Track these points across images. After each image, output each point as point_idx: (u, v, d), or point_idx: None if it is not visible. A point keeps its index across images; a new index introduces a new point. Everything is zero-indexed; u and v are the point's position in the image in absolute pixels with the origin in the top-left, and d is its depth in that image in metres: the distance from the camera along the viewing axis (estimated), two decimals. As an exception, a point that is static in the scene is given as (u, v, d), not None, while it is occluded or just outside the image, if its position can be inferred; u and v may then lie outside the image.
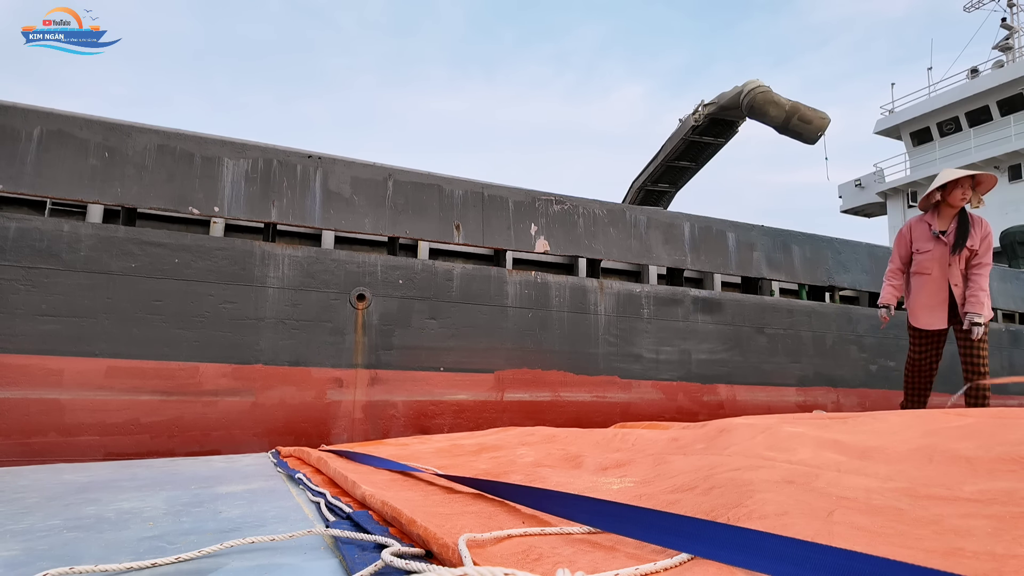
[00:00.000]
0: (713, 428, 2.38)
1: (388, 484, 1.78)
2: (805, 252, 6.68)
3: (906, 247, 4.31)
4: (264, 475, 2.52)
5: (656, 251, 5.88)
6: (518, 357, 5.10)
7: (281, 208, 4.58)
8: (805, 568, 0.75)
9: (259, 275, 4.40)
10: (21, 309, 3.82)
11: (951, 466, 1.49)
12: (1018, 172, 12.88)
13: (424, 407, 4.75)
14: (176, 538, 1.33)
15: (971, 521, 0.99)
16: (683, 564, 0.87)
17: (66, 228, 3.98)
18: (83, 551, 1.23)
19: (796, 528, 0.97)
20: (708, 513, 1.13)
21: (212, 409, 4.16)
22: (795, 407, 6.16)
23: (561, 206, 5.55)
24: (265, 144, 4.67)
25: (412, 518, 1.18)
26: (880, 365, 6.77)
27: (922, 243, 4.16)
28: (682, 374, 5.73)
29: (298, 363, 4.43)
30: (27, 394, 3.77)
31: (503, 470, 2.06)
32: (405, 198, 4.97)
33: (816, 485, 1.29)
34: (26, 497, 1.96)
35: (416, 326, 4.80)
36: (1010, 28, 15.00)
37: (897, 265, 4.40)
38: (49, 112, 4.12)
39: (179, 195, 4.30)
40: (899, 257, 4.37)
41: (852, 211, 16.95)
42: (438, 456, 2.64)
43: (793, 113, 7.86)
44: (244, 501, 1.84)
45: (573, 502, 1.24)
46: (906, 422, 2.23)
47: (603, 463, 2.02)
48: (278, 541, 1.23)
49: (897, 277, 4.42)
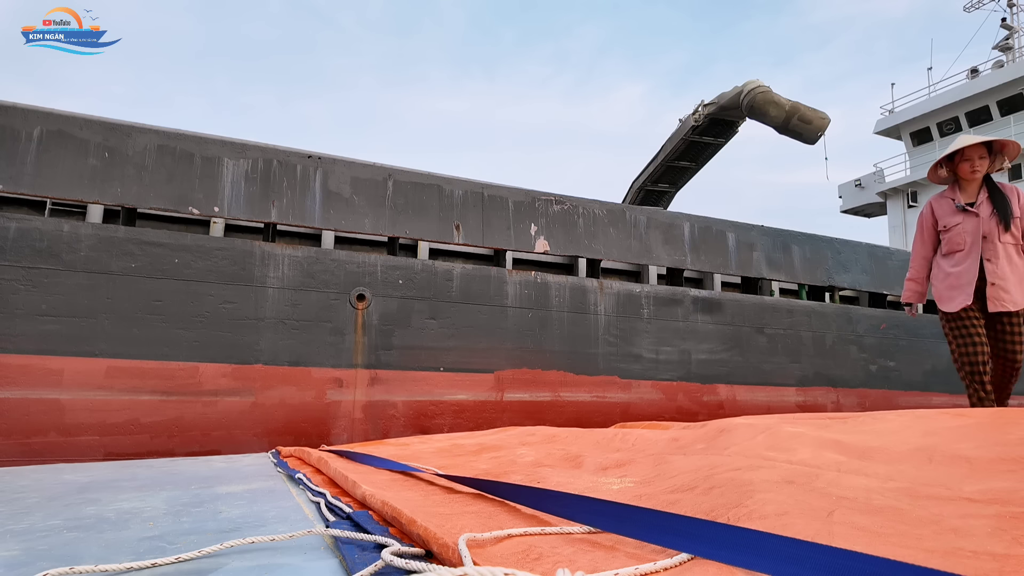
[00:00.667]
0: (713, 428, 2.38)
1: (388, 484, 1.78)
2: (805, 252, 6.68)
3: (931, 228, 3.73)
4: (264, 475, 2.52)
5: (656, 251, 5.88)
6: (518, 357, 5.10)
7: (281, 208, 4.58)
8: (805, 568, 0.75)
9: (259, 275, 4.40)
10: (21, 309, 3.82)
11: (951, 466, 1.49)
12: (1018, 172, 12.88)
13: (424, 407, 4.74)
14: (176, 538, 1.33)
15: (971, 521, 0.99)
16: (683, 564, 0.87)
17: (66, 228, 3.98)
18: (83, 551, 1.23)
19: (796, 528, 0.97)
20: (708, 513, 1.13)
21: (212, 409, 4.16)
22: (795, 407, 6.16)
23: (561, 206, 5.55)
24: (265, 144, 4.68)
25: (412, 518, 1.18)
26: (880, 365, 6.77)
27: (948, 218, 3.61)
28: (682, 374, 5.73)
29: (298, 363, 4.42)
30: (27, 394, 3.77)
31: (503, 470, 2.06)
32: (405, 198, 4.97)
33: (816, 485, 1.29)
34: (26, 497, 1.96)
35: (416, 326, 4.80)
36: (1010, 28, 15.00)
37: (922, 253, 3.77)
38: (49, 112, 4.12)
39: (179, 195, 4.30)
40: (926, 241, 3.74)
41: (852, 211, 16.94)
42: (438, 456, 2.64)
43: (793, 113, 7.86)
44: (244, 501, 1.84)
45: (573, 502, 1.24)
46: (906, 422, 2.23)
47: (603, 463, 2.02)
48: (278, 541, 1.23)
49: (922, 269, 3.79)
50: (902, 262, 7.32)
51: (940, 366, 7.01)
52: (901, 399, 6.80)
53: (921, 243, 3.77)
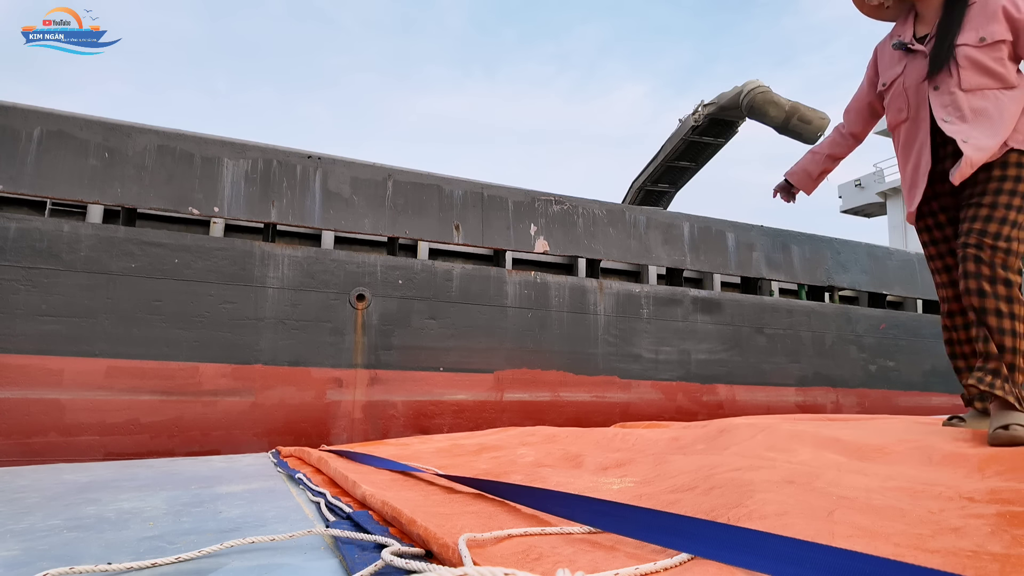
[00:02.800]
0: (713, 428, 2.38)
1: (388, 484, 1.78)
2: (804, 252, 6.68)
3: (867, 89, 2.27)
4: (264, 475, 2.52)
5: (656, 251, 5.88)
6: (518, 357, 5.10)
7: (281, 208, 4.58)
8: (805, 568, 0.75)
9: (259, 275, 4.40)
10: (21, 309, 3.82)
11: (951, 466, 1.49)
12: None
13: (424, 407, 4.75)
14: (176, 538, 1.33)
15: (971, 521, 0.99)
16: (683, 564, 0.87)
17: (66, 228, 3.98)
18: (83, 551, 1.23)
19: (796, 528, 0.97)
20: (708, 513, 1.13)
21: (212, 409, 4.16)
22: (794, 407, 6.17)
23: (561, 206, 5.55)
24: (265, 144, 4.68)
25: (412, 518, 1.18)
26: (879, 365, 6.77)
27: (888, 71, 2.14)
28: (681, 374, 5.73)
29: (298, 363, 4.42)
30: (27, 394, 3.77)
31: (503, 470, 2.06)
32: (405, 198, 4.97)
33: (816, 485, 1.29)
34: (26, 497, 1.96)
35: (416, 326, 4.80)
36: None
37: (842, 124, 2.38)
38: (49, 112, 4.12)
39: (179, 195, 4.30)
40: (849, 108, 2.34)
41: (852, 211, 16.94)
42: (438, 456, 2.64)
43: (793, 113, 7.86)
44: (244, 501, 1.84)
45: (573, 502, 1.24)
46: (906, 422, 2.23)
47: (603, 463, 2.02)
48: (278, 541, 1.23)
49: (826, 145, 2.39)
50: (902, 262, 7.32)
51: (940, 366, 7.00)
52: (901, 399, 6.80)
53: (852, 102, 2.34)
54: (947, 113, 1.90)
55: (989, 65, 1.86)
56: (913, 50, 2.03)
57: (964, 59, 1.87)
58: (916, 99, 2.01)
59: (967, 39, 1.89)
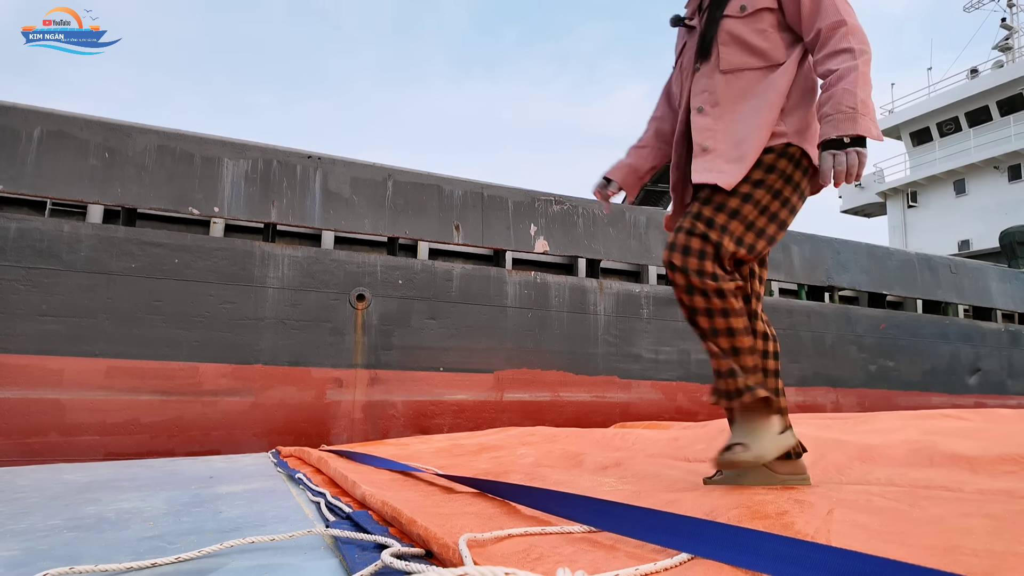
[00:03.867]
0: (714, 428, 2.38)
1: (388, 484, 1.78)
2: (804, 252, 6.68)
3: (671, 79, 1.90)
4: (264, 475, 2.52)
5: (656, 251, 5.88)
6: (517, 357, 5.10)
7: (281, 208, 4.58)
8: (805, 568, 0.75)
9: (259, 275, 4.39)
10: (21, 309, 3.82)
11: (951, 466, 1.49)
12: (1018, 172, 12.88)
13: (424, 407, 4.75)
14: (176, 538, 1.33)
15: (971, 520, 0.99)
16: (683, 564, 0.87)
17: (66, 228, 3.98)
18: (83, 551, 1.23)
19: (796, 528, 0.97)
20: (708, 513, 1.13)
21: (212, 409, 4.16)
22: (794, 407, 6.16)
23: (561, 206, 5.55)
24: (265, 144, 4.68)
25: (412, 518, 1.18)
26: (879, 365, 6.77)
27: (676, 48, 1.83)
28: (681, 374, 5.73)
29: (298, 363, 4.42)
30: (27, 394, 3.77)
31: (503, 470, 2.06)
32: (405, 198, 4.97)
33: (816, 485, 1.29)
34: (26, 497, 1.96)
35: (416, 326, 4.80)
36: (1010, 28, 15.00)
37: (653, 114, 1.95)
38: (49, 112, 4.12)
39: (179, 195, 4.30)
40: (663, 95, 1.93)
41: (852, 211, 16.94)
42: (438, 456, 2.64)
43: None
44: (244, 501, 1.84)
45: (573, 502, 1.24)
46: (906, 423, 2.23)
47: (603, 462, 2.02)
48: (278, 541, 1.23)
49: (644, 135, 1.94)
50: (902, 262, 7.32)
51: (940, 366, 7.01)
52: (900, 399, 6.80)
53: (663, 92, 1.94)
54: (702, 100, 1.59)
55: (749, 40, 1.54)
56: (690, 25, 1.71)
57: (725, 33, 1.56)
58: (688, 83, 1.66)
59: (730, 9, 1.57)
